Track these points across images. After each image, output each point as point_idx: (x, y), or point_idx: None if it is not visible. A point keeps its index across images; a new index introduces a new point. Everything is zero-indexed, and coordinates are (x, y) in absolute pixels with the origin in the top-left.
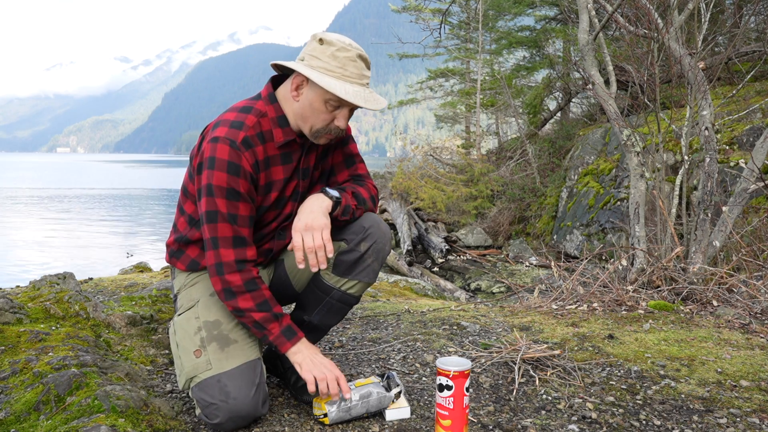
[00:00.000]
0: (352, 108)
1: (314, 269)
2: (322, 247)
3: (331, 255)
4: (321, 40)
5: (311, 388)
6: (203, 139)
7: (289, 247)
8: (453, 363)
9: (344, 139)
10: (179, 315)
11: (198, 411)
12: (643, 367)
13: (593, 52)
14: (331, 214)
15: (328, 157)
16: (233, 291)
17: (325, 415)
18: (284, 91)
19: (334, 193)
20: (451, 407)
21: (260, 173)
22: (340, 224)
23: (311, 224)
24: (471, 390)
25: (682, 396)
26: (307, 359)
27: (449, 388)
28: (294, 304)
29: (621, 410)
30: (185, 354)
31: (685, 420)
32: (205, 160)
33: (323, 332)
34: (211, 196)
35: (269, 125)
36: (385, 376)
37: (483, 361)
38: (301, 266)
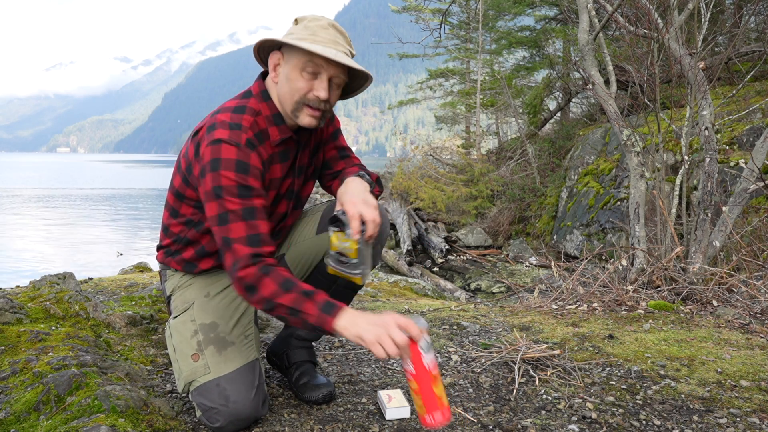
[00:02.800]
0: (331, 77)
1: (369, 241)
2: (379, 221)
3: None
4: (296, 20)
5: (381, 355)
6: (199, 144)
7: (350, 214)
8: None
9: (334, 132)
10: (174, 318)
11: (198, 413)
12: (643, 367)
13: (593, 52)
14: None
15: (319, 153)
16: (251, 284)
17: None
18: (270, 83)
19: (367, 177)
20: (414, 371)
21: (265, 173)
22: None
23: (369, 200)
24: (426, 345)
25: (682, 396)
26: (362, 328)
27: None
28: None
29: (621, 410)
30: (183, 358)
31: (685, 420)
32: (209, 164)
33: None
34: (220, 199)
35: (265, 124)
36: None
37: (483, 361)
38: (356, 237)
